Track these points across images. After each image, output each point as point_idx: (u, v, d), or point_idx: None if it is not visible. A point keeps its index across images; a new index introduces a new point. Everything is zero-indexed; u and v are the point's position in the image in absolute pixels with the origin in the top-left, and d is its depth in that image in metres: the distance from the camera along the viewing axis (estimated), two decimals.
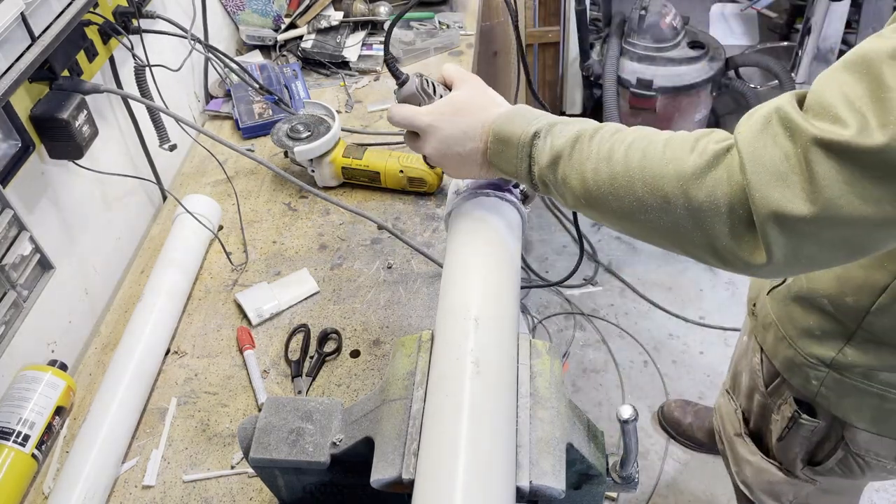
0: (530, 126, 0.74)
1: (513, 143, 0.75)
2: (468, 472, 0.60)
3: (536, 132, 0.73)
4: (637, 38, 2.53)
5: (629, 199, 0.65)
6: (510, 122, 0.76)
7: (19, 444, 0.93)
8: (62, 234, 1.13)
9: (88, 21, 1.13)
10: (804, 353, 0.94)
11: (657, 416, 2.04)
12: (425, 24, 1.77)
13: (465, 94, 0.82)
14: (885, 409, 0.89)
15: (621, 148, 0.66)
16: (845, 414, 0.94)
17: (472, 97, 0.81)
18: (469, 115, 0.79)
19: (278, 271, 1.24)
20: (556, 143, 0.71)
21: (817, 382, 0.94)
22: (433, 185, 1.33)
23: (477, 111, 0.80)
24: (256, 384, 1.06)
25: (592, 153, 0.68)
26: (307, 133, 1.33)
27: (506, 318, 0.75)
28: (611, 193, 0.66)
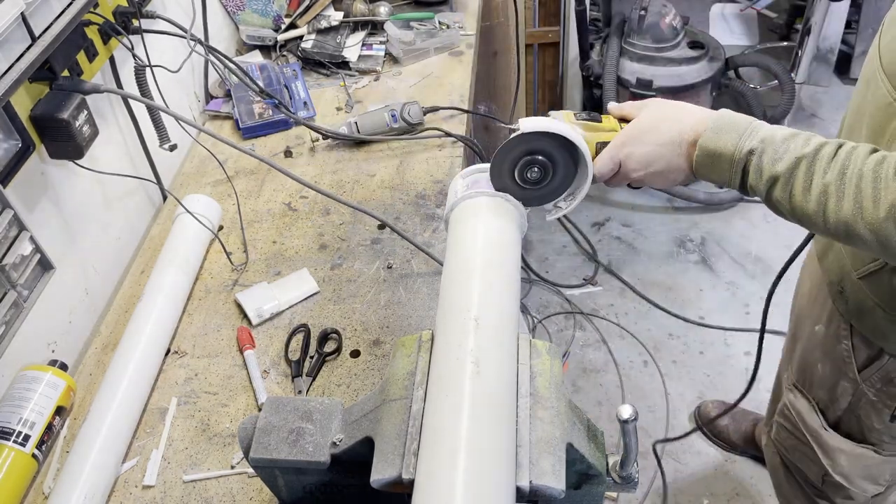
0: (742, 141, 0.77)
1: (725, 158, 0.78)
2: (468, 472, 0.60)
3: (751, 150, 0.76)
4: (637, 38, 2.53)
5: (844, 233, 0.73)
6: (718, 136, 0.79)
7: (19, 444, 0.93)
8: (62, 234, 1.13)
9: (88, 21, 1.13)
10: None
11: (694, 415, 2.04)
12: (425, 24, 1.77)
13: (648, 115, 0.85)
14: None
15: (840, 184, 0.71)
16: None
17: (656, 114, 0.85)
18: (661, 129, 0.83)
19: (278, 271, 1.24)
20: (772, 167, 0.75)
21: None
22: None
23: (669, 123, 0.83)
24: (256, 384, 1.06)
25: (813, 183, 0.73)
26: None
27: (506, 318, 0.75)
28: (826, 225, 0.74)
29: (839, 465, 1.15)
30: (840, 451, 1.15)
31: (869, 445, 1.12)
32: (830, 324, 1.08)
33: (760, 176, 0.76)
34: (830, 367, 1.10)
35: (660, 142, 0.83)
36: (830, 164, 0.73)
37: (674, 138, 0.82)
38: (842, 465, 1.15)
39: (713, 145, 0.78)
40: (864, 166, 0.71)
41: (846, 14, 2.84)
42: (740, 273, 2.45)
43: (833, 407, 1.13)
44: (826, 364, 1.11)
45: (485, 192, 0.86)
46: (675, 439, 1.95)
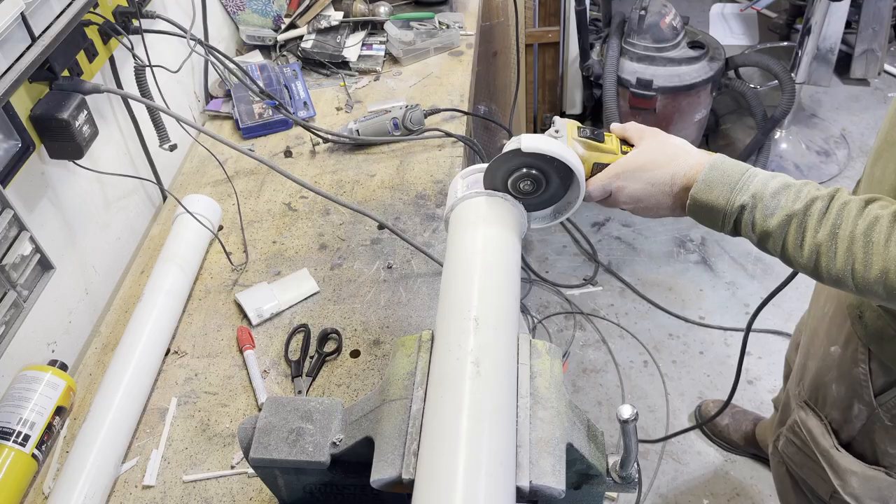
0: (734, 196, 0.79)
1: (717, 212, 0.80)
2: (468, 472, 0.60)
3: (742, 206, 0.78)
4: (637, 38, 2.53)
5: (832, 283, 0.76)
6: (710, 189, 0.80)
7: (19, 444, 0.93)
8: (62, 234, 1.13)
9: (88, 21, 1.13)
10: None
11: (694, 414, 2.04)
12: (425, 24, 1.77)
13: (645, 149, 0.87)
14: None
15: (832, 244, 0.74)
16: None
17: (652, 152, 0.86)
18: (655, 169, 0.85)
19: (278, 271, 1.24)
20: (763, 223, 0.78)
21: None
22: None
23: (663, 164, 0.85)
24: (256, 384, 1.06)
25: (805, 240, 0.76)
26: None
27: (506, 318, 0.75)
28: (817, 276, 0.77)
29: (850, 485, 1.15)
30: (851, 472, 1.14)
31: (881, 468, 1.11)
32: (848, 346, 1.07)
33: (753, 231, 0.79)
34: (846, 389, 1.09)
35: (652, 181, 0.85)
36: (822, 222, 0.75)
37: (665, 181, 0.84)
38: (853, 486, 1.14)
39: (705, 198, 0.80)
40: (856, 228, 0.73)
41: (846, 14, 2.83)
42: (740, 273, 2.45)
43: (846, 428, 1.12)
44: (841, 386, 1.10)
45: (485, 192, 0.86)
46: (673, 435, 1.95)
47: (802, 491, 1.30)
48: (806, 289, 1.27)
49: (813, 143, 2.88)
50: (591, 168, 0.88)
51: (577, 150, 0.87)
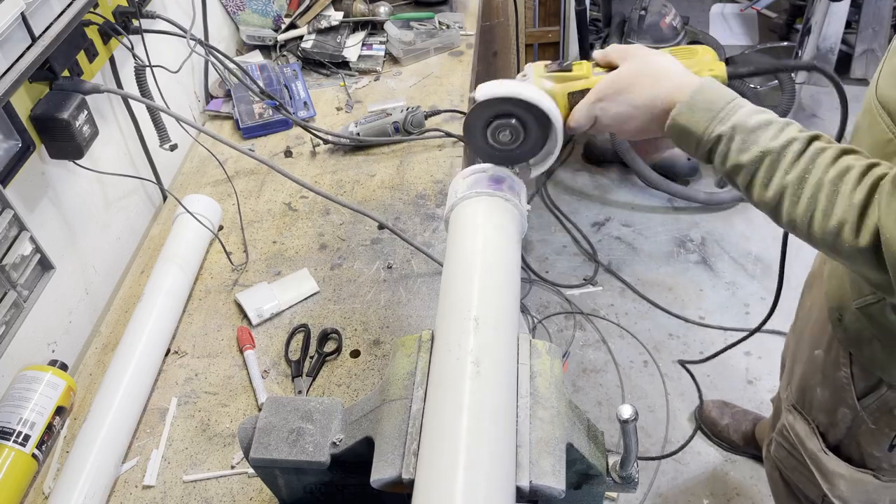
0: (713, 125, 0.77)
1: (693, 137, 0.79)
2: (468, 472, 0.60)
3: (720, 135, 0.77)
4: (637, 38, 2.53)
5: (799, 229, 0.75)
6: (692, 113, 0.79)
7: (19, 444, 0.93)
8: (62, 234, 1.13)
9: (89, 21, 1.13)
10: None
11: (694, 415, 2.04)
12: (425, 24, 1.77)
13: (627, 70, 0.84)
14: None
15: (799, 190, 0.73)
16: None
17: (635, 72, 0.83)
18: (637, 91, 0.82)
19: (278, 271, 1.24)
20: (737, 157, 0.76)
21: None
22: None
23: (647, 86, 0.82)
24: (256, 384, 1.06)
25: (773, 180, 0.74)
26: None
27: (506, 318, 0.75)
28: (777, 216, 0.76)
29: (838, 489, 1.15)
30: (839, 475, 1.14)
31: (868, 471, 1.11)
32: (830, 350, 1.08)
33: (724, 163, 0.77)
34: (830, 393, 1.10)
35: (634, 103, 0.83)
36: (794, 164, 0.73)
37: (647, 103, 0.82)
38: (841, 489, 1.15)
39: (684, 121, 0.79)
40: (826, 175, 0.71)
41: (846, 14, 2.84)
42: (740, 273, 2.45)
43: (833, 431, 1.12)
44: (826, 389, 1.10)
45: (485, 192, 0.86)
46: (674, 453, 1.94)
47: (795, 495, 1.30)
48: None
49: None
50: (566, 99, 0.86)
51: (545, 86, 0.85)
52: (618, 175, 2.88)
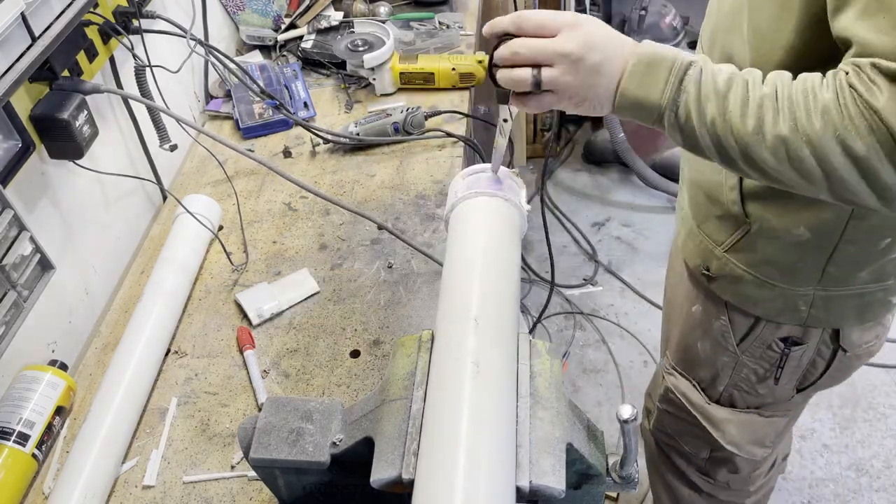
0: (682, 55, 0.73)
1: (665, 66, 0.72)
2: (468, 472, 0.60)
3: (692, 62, 0.72)
4: (637, 37, 2.53)
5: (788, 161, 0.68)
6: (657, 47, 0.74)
7: (19, 444, 0.93)
8: (62, 234, 1.13)
9: (88, 21, 1.13)
10: (792, 287, 0.97)
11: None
12: (425, 24, 1.77)
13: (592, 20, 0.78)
14: (865, 302, 0.98)
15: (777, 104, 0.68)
16: (836, 322, 1.01)
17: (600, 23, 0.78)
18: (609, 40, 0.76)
19: (278, 271, 1.24)
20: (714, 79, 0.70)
21: (806, 307, 0.98)
22: (481, 79, 1.55)
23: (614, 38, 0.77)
24: (256, 384, 1.06)
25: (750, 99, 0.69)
26: (366, 46, 1.54)
27: (506, 318, 0.75)
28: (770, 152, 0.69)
29: (729, 433, 1.19)
30: (728, 421, 1.18)
31: (752, 410, 1.17)
32: (707, 303, 1.11)
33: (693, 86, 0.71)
34: (710, 345, 1.13)
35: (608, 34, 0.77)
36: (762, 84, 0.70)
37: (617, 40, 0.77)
38: (732, 433, 1.19)
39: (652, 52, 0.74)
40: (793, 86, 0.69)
41: None
42: None
43: (715, 383, 1.17)
44: (706, 342, 1.14)
45: (485, 193, 0.86)
46: None
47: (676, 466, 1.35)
48: None
49: None
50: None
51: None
52: (618, 175, 2.87)
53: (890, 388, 2.07)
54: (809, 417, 2.01)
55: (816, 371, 1.09)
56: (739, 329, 1.08)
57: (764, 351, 1.07)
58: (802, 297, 0.98)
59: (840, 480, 1.89)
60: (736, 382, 1.14)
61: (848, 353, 1.05)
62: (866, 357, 1.09)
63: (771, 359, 1.08)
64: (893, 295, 0.99)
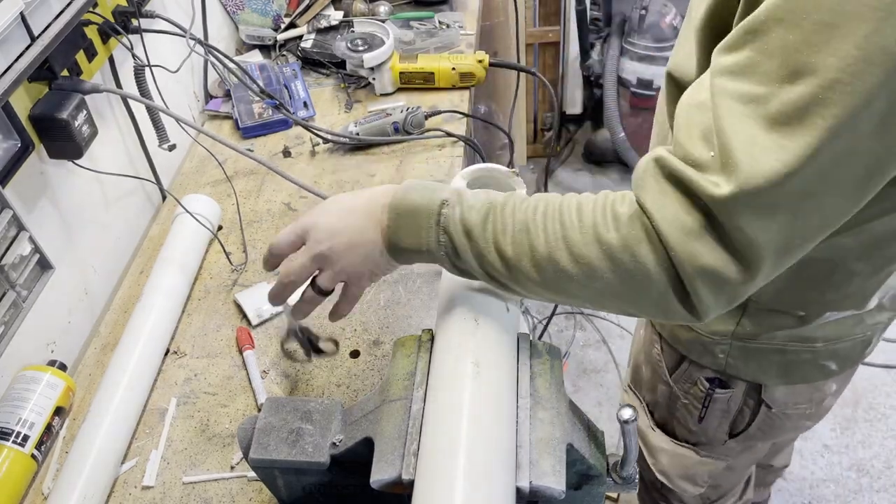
0: (435, 195, 0.70)
1: (420, 213, 0.70)
2: (468, 472, 0.60)
3: (444, 200, 0.70)
4: (637, 37, 2.53)
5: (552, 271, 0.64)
6: (409, 193, 0.72)
7: (18, 445, 0.93)
8: (62, 234, 1.13)
9: (88, 21, 1.13)
10: (706, 333, 0.96)
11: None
12: (425, 23, 1.77)
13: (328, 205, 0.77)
14: (788, 360, 0.93)
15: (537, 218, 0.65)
16: (755, 376, 0.97)
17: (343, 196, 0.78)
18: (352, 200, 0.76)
19: (278, 271, 1.24)
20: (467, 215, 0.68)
21: (724, 355, 0.96)
22: (481, 79, 1.56)
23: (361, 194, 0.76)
24: (256, 384, 1.06)
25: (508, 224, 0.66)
26: (365, 45, 1.53)
27: (506, 319, 0.75)
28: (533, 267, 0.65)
29: (660, 463, 1.18)
30: (662, 450, 1.17)
31: (689, 446, 1.14)
32: (648, 329, 1.11)
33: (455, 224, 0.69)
34: (650, 371, 1.13)
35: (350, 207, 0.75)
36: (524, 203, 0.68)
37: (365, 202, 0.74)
38: (662, 463, 1.18)
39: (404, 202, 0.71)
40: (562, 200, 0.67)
41: None
42: None
43: (657, 408, 1.16)
44: (648, 366, 1.14)
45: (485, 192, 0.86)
46: None
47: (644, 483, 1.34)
48: None
49: None
50: None
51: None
52: (618, 175, 2.87)
53: (890, 388, 2.07)
54: None
55: (744, 420, 1.05)
56: (670, 360, 1.06)
57: (691, 386, 1.05)
58: (719, 344, 0.95)
59: (841, 481, 1.89)
60: (672, 413, 1.12)
61: (773, 411, 1.01)
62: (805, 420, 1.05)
63: (698, 396, 1.05)
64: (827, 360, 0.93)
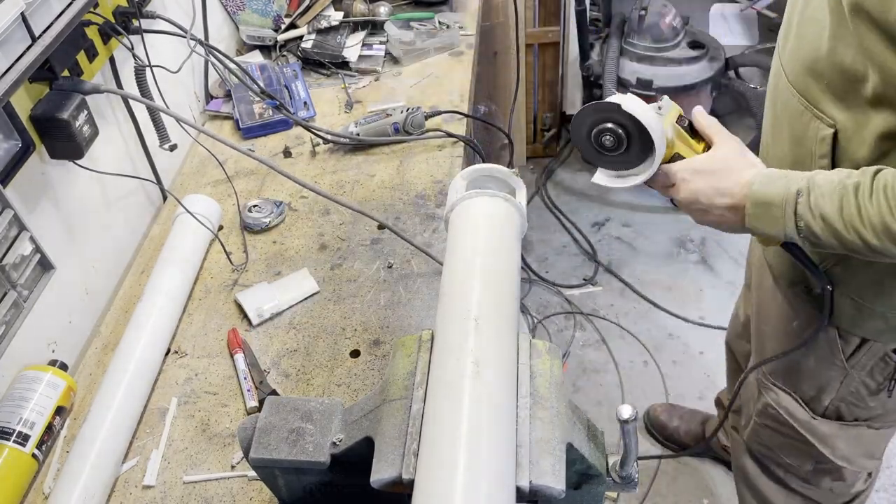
0: (791, 185, 0.81)
1: (776, 204, 0.82)
2: (468, 472, 0.60)
3: (798, 190, 0.80)
4: (637, 38, 2.53)
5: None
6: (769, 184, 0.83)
7: (19, 444, 0.93)
8: (62, 234, 1.13)
9: (89, 21, 1.13)
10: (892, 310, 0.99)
11: (643, 419, 2.04)
12: (425, 24, 1.77)
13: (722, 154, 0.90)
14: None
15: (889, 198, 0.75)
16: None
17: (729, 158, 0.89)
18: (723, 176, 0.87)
19: (278, 271, 1.24)
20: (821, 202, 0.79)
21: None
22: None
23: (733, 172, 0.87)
24: (244, 387, 1.06)
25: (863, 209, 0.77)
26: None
27: (506, 318, 0.75)
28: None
29: (839, 449, 1.18)
30: (835, 436, 1.17)
31: (861, 423, 1.15)
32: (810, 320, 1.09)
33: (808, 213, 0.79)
34: (815, 360, 1.12)
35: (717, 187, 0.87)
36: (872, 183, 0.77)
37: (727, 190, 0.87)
38: (841, 448, 1.18)
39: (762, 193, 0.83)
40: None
41: None
42: (740, 273, 2.44)
43: (820, 398, 1.15)
44: (810, 358, 1.13)
45: (485, 193, 0.86)
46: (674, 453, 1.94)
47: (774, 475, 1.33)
48: None
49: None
50: (671, 155, 0.91)
51: (668, 133, 0.90)
52: None
53: None
54: None
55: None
56: (849, 345, 1.06)
57: (876, 363, 1.06)
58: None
59: None
60: (844, 396, 1.12)
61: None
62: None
63: (884, 371, 1.06)
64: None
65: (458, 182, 0.91)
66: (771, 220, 0.83)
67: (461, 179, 0.91)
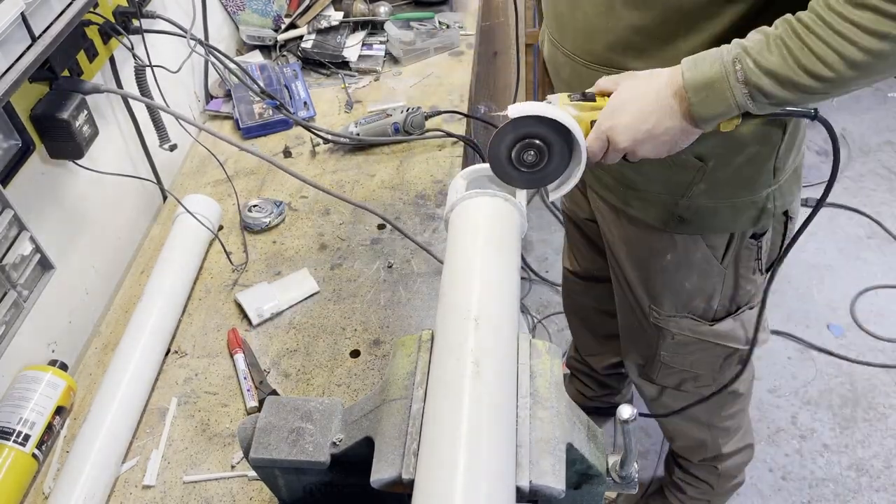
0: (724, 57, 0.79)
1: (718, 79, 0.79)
2: (468, 472, 0.60)
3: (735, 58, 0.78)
4: None
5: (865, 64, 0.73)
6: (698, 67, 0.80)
7: (19, 444, 0.93)
8: (62, 234, 1.13)
9: (89, 21, 1.13)
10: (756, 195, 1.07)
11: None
12: (425, 24, 1.78)
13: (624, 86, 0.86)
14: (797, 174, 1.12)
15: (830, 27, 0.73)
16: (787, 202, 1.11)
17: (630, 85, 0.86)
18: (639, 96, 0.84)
19: (278, 271, 1.24)
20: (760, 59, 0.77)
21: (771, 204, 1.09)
22: None
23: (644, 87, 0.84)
24: (244, 387, 1.06)
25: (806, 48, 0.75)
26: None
27: (506, 318, 0.75)
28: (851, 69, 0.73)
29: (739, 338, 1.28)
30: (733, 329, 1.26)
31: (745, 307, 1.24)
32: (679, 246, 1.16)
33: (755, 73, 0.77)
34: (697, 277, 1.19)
35: (642, 105, 0.84)
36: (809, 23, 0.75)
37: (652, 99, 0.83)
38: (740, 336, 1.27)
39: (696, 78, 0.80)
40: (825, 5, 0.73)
41: None
42: None
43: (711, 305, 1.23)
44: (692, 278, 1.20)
45: (485, 193, 0.86)
46: None
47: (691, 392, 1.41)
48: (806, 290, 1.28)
49: (813, 142, 2.87)
50: (588, 127, 0.88)
51: (570, 112, 0.87)
52: None
53: (890, 388, 2.07)
54: (809, 417, 2.01)
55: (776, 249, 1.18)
56: (718, 250, 1.14)
57: (741, 252, 1.15)
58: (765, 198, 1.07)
59: (840, 480, 1.89)
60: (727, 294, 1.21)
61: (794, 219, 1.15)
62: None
63: (751, 256, 1.16)
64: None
65: (458, 182, 0.91)
66: (718, 99, 0.80)
67: (461, 179, 0.91)
